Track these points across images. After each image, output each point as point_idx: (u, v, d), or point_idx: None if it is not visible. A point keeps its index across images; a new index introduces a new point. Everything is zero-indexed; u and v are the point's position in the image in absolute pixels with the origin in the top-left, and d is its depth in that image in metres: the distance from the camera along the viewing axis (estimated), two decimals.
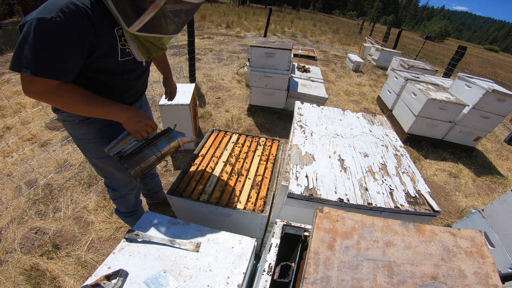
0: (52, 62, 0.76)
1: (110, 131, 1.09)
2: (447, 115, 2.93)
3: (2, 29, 9.49)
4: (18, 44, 0.72)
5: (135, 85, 1.11)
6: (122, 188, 1.34)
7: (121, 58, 0.92)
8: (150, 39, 0.93)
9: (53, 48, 0.73)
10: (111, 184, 1.34)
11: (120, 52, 0.90)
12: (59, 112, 1.02)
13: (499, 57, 22.78)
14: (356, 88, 5.15)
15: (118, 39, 0.88)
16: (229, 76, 4.85)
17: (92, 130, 1.06)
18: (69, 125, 1.05)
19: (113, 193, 1.38)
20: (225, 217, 1.22)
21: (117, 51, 0.90)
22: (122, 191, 1.36)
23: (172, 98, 1.53)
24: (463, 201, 2.47)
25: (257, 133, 3.11)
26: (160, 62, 1.40)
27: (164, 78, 1.47)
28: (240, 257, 0.91)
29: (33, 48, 0.71)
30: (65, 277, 1.45)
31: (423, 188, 1.09)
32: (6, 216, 1.79)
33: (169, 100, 1.53)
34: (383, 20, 68.55)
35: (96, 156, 1.15)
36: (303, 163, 1.14)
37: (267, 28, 7.81)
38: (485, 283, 0.60)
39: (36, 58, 0.72)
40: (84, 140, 1.10)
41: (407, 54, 9.42)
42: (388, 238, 0.68)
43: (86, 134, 1.07)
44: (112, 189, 1.35)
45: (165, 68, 1.44)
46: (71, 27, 0.74)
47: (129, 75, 1.03)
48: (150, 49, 0.97)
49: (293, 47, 3.19)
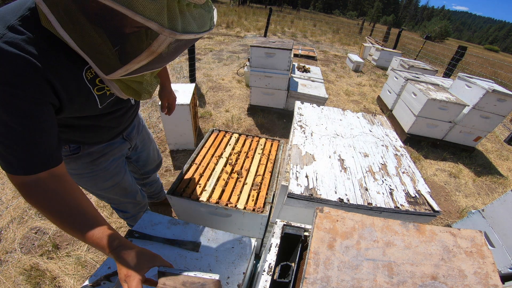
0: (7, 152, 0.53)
1: (104, 162, 0.94)
2: (447, 115, 2.93)
3: None
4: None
5: (125, 118, 0.93)
6: (131, 210, 1.28)
7: (102, 104, 0.71)
8: (138, 78, 0.72)
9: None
10: (119, 208, 1.27)
11: (98, 99, 0.69)
12: None
13: (499, 57, 22.78)
14: (356, 88, 5.15)
15: (91, 85, 0.64)
16: (229, 76, 4.85)
17: (82, 165, 0.89)
18: None
19: (124, 214, 1.32)
20: (225, 217, 1.22)
21: (95, 99, 0.68)
22: (132, 212, 1.30)
23: (171, 112, 1.31)
24: (463, 201, 2.47)
25: (257, 133, 3.11)
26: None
27: (161, 88, 1.23)
28: (240, 257, 0.91)
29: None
30: (65, 277, 1.45)
31: (423, 188, 1.09)
32: (6, 216, 1.79)
33: (167, 114, 1.31)
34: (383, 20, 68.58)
35: (95, 188, 1.03)
36: (303, 163, 1.14)
37: (267, 28, 7.82)
38: (485, 283, 0.60)
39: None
40: (77, 175, 0.93)
41: (407, 54, 9.42)
42: (388, 238, 0.68)
43: (76, 170, 0.90)
44: (122, 211, 1.29)
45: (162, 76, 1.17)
46: (8, 94, 0.49)
47: (117, 113, 0.85)
48: (139, 89, 0.74)
49: (293, 47, 3.18)
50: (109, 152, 0.95)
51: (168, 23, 0.45)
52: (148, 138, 1.29)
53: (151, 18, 0.43)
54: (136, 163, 1.31)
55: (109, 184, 1.04)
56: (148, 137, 1.29)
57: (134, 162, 1.30)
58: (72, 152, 0.83)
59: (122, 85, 0.69)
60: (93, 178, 0.96)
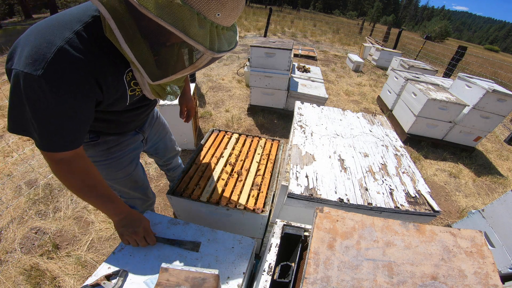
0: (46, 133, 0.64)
1: (118, 151, 1.02)
2: (447, 115, 2.93)
3: (2, 29, 9.49)
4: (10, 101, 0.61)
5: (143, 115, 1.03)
6: (139, 206, 1.29)
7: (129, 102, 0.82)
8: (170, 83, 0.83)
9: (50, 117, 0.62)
10: (127, 203, 1.26)
11: (129, 98, 0.80)
12: None
13: (499, 57, 22.77)
14: (356, 88, 5.15)
15: (128, 86, 0.76)
16: (229, 76, 4.85)
17: (98, 152, 0.97)
18: None
19: None
20: (225, 217, 1.22)
21: (126, 98, 0.79)
22: (139, 209, 1.30)
23: (189, 118, 1.37)
24: (463, 201, 2.47)
25: (257, 133, 3.11)
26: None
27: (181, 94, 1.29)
28: (240, 257, 0.91)
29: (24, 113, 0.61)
30: (65, 277, 1.45)
31: (423, 188, 1.09)
32: (6, 216, 1.79)
33: (186, 121, 1.37)
34: (383, 20, 68.56)
35: (107, 178, 1.07)
36: (303, 163, 1.14)
37: (267, 28, 7.82)
38: (485, 283, 0.60)
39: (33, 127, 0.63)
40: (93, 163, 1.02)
41: (407, 54, 9.41)
42: (388, 238, 0.68)
43: (93, 157, 0.97)
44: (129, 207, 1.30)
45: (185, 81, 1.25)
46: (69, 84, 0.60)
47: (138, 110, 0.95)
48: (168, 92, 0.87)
49: (293, 47, 3.19)
50: (124, 142, 1.01)
51: (209, 45, 0.58)
52: (163, 129, 1.35)
53: (199, 42, 0.55)
54: (156, 154, 1.40)
55: (121, 175, 1.08)
56: (163, 128, 1.35)
57: (154, 153, 1.39)
58: (91, 139, 0.91)
59: (157, 87, 0.81)
60: (107, 167, 1.01)
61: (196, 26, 0.54)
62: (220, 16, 0.57)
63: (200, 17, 0.54)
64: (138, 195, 1.23)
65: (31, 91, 0.58)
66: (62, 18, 0.62)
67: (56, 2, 13.48)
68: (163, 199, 2.04)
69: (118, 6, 0.54)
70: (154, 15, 0.50)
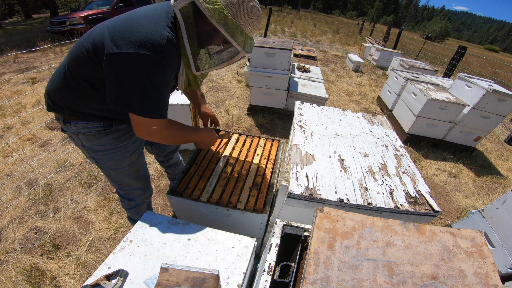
0: (161, 103, 0.85)
1: (126, 139, 1.08)
2: (447, 115, 2.93)
3: (2, 29, 9.49)
4: (124, 81, 0.76)
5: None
6: (138, 197, 1.31)
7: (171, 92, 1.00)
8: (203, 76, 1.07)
9: (161, 89, 0.81)
10: (126, 195, 1.29)
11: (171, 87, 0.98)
12: (71, 124, 0.97)
13: (499, 57, 22.78)
14: (356, 88, 5.15)
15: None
16: (229, 76, 4.85)
17: (110, 140, 1.03)
18: (84, 138, 1.01)
19: (129, 203, 1.33)
20: (225, 217, 1.22)
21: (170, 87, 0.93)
22: (138, 200, 1.33)
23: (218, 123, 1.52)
24: (463, 201, 2.47)
25: (257, 133, 3.11)
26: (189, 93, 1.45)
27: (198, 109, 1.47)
28: (240, 257, 0.91)
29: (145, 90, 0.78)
30: (65, 277, 1.45)
31: (423, 188, 1.09)
32: (6, 216, 1.79)
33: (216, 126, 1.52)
34: (383, 20, 68.48)
35: (114, 166, 1.12)
36: (303, 163, 1.14)
37: (267, 28, 7.82)
38: (485, 283, 0.60)
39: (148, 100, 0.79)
40: (102, 152, 1.06)
41: (407, 54, 9.41)
42: (388, 238, 0.68)
43: (104, 145, 1.04)
44: (128, 199, 1.31)
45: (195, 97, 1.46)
46: (171, 65, 0.82)
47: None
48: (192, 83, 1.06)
49: (293, 47, 3.18)
50: (132, 130, 1.08)
51: (244, 48, 0.89)
52: None
53: (239, 44, 0.87)
54: (157, 146, 1.50)
55: (126, 163, 1.14)
56: None
57: (155, 146, 1.49)
58: (104, 127, 1.00)
59: (192, 78, 1.02)
60: (115, 155, 1.09)
61: (238, 33, 0.84)
62: (249, 29, 0.88)
63: (240, 28, 0.84)
64: (139, 185, 1.27)
65: (152, 67, 0.76)
66: (155, 13, 0.82)
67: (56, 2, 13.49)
68: (163, 199, 2.04)
69: (188, 14, 0.81)
70: (218, 24, 0.80)
